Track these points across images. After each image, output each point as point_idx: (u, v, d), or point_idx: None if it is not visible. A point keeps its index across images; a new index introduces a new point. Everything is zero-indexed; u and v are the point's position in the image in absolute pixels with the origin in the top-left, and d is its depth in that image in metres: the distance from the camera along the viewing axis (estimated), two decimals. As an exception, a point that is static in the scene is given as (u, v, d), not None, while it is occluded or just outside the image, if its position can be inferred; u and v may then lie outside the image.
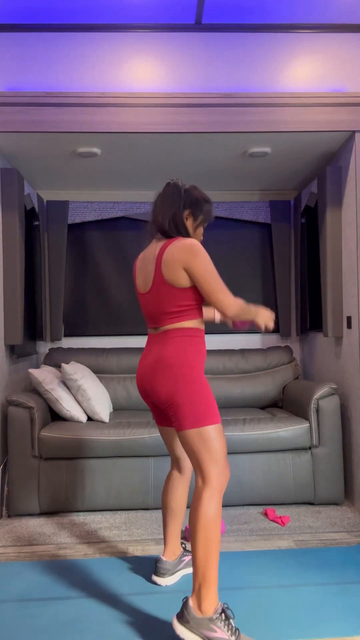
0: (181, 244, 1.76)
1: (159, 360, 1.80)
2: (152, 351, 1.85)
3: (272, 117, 2.70)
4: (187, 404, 1.74)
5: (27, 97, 2.62)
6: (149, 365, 1.83)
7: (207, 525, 1.67)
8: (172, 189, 1.87)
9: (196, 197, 1.87)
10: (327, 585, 2.02)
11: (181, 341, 1.80)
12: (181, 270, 1.76)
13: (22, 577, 2.13)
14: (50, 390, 2.90)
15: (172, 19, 2.70)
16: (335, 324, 2.97)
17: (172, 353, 1.78)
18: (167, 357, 1.78)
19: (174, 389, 1.75)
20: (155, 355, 1.82)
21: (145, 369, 1.85)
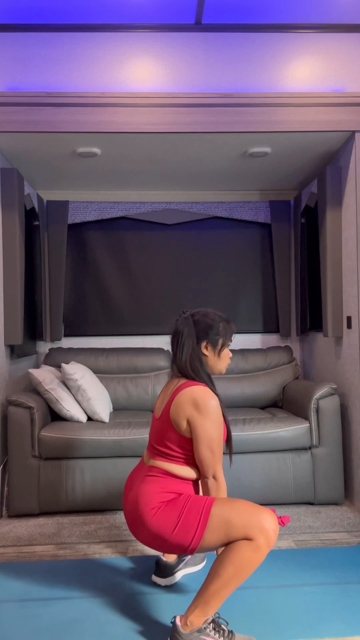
0: (191, 395, 1.69)
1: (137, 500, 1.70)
2: (134, 486, 1.77)
3: (272, 117, 2.70)
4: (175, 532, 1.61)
5: (27, 97, 2.62)
6: (130, 504, 1.73)
7: (239, 571, 1.55)
8: (184, 323, 1.80)
9: (208, 324, 1.79)
10: (327, 585, 2.02)
11: (160, 482, 1.71)
12: (184, 420, 1.70)
13: (22, 577, 2.13)
14: (50, 390, 2.90)
15: (172, 19, 2.70)
16: (335, 324, 2.97)
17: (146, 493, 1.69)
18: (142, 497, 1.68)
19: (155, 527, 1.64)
20: (134, 492, 1.73)
21: (128, 509, 1.74)
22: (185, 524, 1.60)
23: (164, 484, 1.72)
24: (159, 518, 1.64)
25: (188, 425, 1.70)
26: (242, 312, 3.88)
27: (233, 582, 1.57)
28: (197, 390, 1.70)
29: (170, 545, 1.64)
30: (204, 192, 3.85)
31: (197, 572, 2.17)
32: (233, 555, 1.56)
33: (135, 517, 1.70)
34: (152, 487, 1.71)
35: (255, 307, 3.89)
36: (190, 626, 1.61)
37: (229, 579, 1.56)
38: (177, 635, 1.61)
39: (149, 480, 1.74)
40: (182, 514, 1.62)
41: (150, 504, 1.67)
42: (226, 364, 1.87)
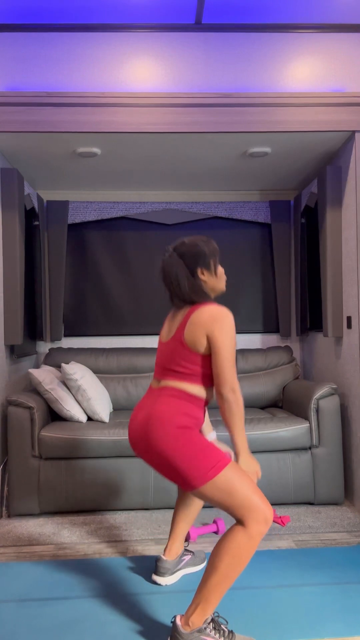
0: (210, 312, 1.72)
1: (149, 419, 1.71)
2: (145, 406, 1.77)
3: (272, 117, 2.70)
4: (185, 463, 1.62)
5: (27, 97, 2.62)
6: (139, 423, 1.74)
7: (235, 561, 1.56)
8: (170, 261, 1.81)
9: (194, 252, 1.80)
10: (327, 585, 2.02)
11: (174, 402, 1.73)
12: (204, 336, 1.71)
13: (22, 577, 2.13)
14: (50, 390, 2.90)
15: (172, 19, 2.70)
16: (335, 324, 2.97)
17: (162, 412, 1.70)
18: (157, 416, 1.69)
19: (166, 451, 1.65)
20: (146, 412, 1.74)
21: (136, 427, 1.75)
22: (199, 462, 1.61)
23: (178, 404, 1.73)
24: (176, 443, 1.65)
25: (207, 342, 1.72)
26: (242, 312, 3.88)
27: (229, 574, 1.57)
28: (213, 308, 1.74)
29: (174, 471, 1.64)
30: (204, 192, 3.85)
31: (197, 572, 2.17)
32: (228, 545, 1.57)
33: (147, 437, 1.69)
34: (167, 407, 1.71)
35: (255, 307, 3.89)
36: (191, 626, 1.61)
37: (225, 571, 1.57)
38: (177, 635, 1.61)
39: (163, 400, 1.74)
40: (200, 451, 1.63)
41: (164, 424, 1.67)
42: (224, 281, 1.91)
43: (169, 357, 1.80)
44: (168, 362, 1.80)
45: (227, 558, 1.57)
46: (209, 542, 2.43)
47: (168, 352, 1.80)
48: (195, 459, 1.61)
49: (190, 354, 1.75)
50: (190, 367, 1.76)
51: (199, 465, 1.61)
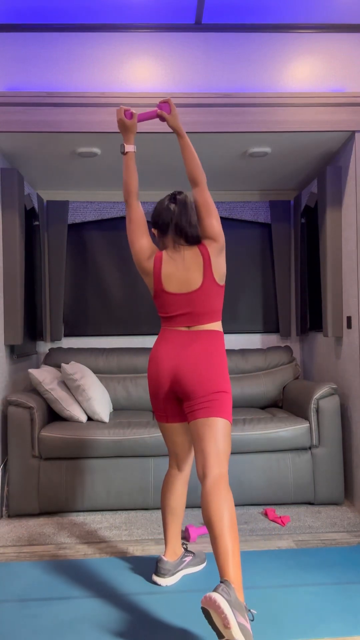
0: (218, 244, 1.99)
1: (208, 353, 1.89)
2: (190, 345, 1.91)
3: (272, 117, 2.70)
4: (226, 398, 1.87)
5: (27, 97, 2.62)
6: (192, 355, 1.89)
7: (233, 513, 1.66)
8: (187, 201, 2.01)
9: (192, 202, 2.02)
10: (327, 585, 2.02)
11: (221, 342, 1.96)
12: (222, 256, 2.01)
13: (22, 577, 2.13)
14: (50, 390, 2.90)
15: (172, 19, 2.70)
16: (335, 324, 2.97)
17: (220, 350, 1.93)
18: (216, 352, 1.90)
19: (222, 380, 1.87)
20: (199, 348, 1.90)
21: (182, 359, 1.89)
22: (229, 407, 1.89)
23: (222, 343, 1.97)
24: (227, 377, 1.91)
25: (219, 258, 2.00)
26: (242, 312, 3.88)
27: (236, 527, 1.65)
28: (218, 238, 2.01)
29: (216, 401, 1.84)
30: (204, 192, 3.84)
31: (197, 572, 2.17)
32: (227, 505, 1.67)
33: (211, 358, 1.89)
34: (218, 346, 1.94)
35: (255, 307, 3.89)
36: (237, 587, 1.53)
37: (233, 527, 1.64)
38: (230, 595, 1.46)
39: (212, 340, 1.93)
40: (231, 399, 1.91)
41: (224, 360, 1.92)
42: None
43: (207, 301, 1.95)
44: (208, 306, 1.95)
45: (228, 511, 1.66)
46: (209, 543, 2.43)
47: (204, 297, 1.94)
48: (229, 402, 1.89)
49: (220, 289, 1.98)
50: (219, 304, 1.99)
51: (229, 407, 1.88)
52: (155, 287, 1.99)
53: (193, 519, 2.71)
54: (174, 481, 2.08)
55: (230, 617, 1.39)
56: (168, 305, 1.97)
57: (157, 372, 1.94)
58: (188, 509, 2.84)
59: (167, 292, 1.96)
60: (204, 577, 2.12)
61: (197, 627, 1.76)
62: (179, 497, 2.08)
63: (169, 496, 2.08)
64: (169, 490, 2.09)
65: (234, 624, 1.39)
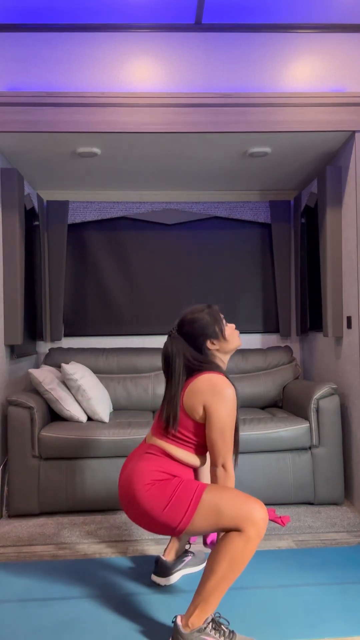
0: (210, 380, 1.71)
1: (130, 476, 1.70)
2: (130, 464, 1.76)
3: (272, 117, 2.70)
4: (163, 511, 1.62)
5: (27, 97, 2.62)
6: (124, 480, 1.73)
7: (233, 564, 1.56)
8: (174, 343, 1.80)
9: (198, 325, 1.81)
10: (327, 585, 2.02)
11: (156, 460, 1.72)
12: (201, 405, 1.70)
13: (22, 577, 2.13)
14: (50, 390, 2.90)
15: (172, 19, 2.70)
16: (335, 324, 2.97)
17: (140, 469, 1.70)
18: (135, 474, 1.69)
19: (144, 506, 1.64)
20: (130, 468, 1.74)
21: (122, 484, 1.74)
22: (176, 505, 1.61)
23: (160, 462, 1.72)
24: (150, 495, 1.64)
25: (204, 412, 1.71)
26: (242, 312, 3.88)
27: (228, 576, 1.57)
28: (215, 377, 1.72)
29: (158, 524, 1.64)
30: (204, 192, 3.85)
31: (197, 572, 2.17)
32: (225, 550, 1.56)
33: (127, 492, 1.69)
34: (147, 464, 1.71)
35: (255, 307, 3.89)
36: (191, 626, 1.61)
37: (224, 574, 1.56)
38: (178, 635, 1.61)
39: (146, 457, 1.74)
40: (173, 495, 1.63)
41: (143, 480, 1.67)
42: (237, 336, 1.88)
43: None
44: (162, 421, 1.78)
45: (225, 563, 1.56)
46: (209, 542, 2.44)
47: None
48: (171, 503, 1.61)
49: (187, 420, 1.73)
50: (185, 433, 1.74)
51: (177, 506, 1.61)
52: None
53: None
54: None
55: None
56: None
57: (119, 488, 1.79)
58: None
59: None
60: (204, 577, 2.12)
61: (197, 627, 1.76)
62: None
63: None
64: None
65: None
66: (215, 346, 1.83)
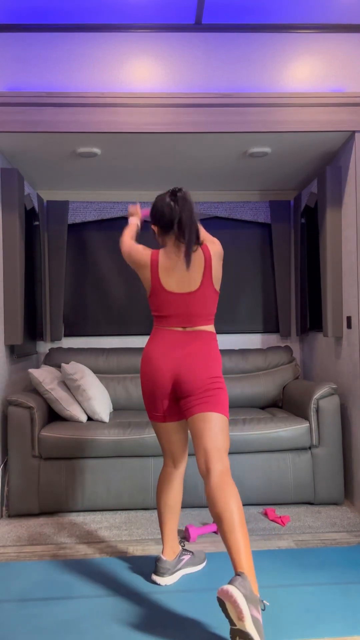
0: (219, 248, 2.01)
1: (203, 351, 1.92)
2: (187, 345, 1.94)
3: (272, 117, 2.70)
4: (223, 394, 1.91)
5: (27, 97, 2.62)
6: (189, 355, 1.91)
7: (240, 507, 1.70)
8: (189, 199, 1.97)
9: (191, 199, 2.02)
10: (327, 585, 2.02)
11: (215, 343, 1.99)
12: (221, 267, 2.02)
13: (22, 577, 2.13)
14: (50, 390, 2.90)
15: (172, 19, 2.70)
16: (335, 324, 2.97)
17: (215, 349, 1.96)
18: (212, 351, 1.94)
19: (218, 378, 1.91)
20: (194, 348, 1.93)
21: (180, 358, 1.91)
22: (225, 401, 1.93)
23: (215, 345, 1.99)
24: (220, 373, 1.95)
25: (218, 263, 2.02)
26: (242, 312, 3.88)
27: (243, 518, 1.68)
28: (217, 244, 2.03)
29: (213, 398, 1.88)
30: (204, 192, 3.85)
31: (196, 572, 2.17)
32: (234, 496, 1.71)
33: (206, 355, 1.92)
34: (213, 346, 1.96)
35: (255, 307, 3.89)
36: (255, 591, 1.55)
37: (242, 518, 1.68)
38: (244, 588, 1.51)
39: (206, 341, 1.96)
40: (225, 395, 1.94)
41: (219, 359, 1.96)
42: None
43: (204, 303, 1.97)
44: (203, 308, 1.97)
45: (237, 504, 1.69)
46: (209, 542, 2.44)
47: (201, 299, 1.96)
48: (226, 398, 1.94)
49: (216, 295, 2.00)
50: (213, 307, 2.01)
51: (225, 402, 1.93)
52: (153, 284, 1.99)
53: (193, 519, 2.71)
54: (171, 479, 2.08)
55: (245, 611, 1.47)
56: (165, 304, 1.97)
57: (153, 372, 1.94)
58: (188, 509, 2.84)
59: (166, 291, 1.96)
60: (204, 577, 2.12)
61: (196, 627, 1.76)
62: (176, 494, 2.09)
63: (165, 494, 2.08)
64: (165, 488, 2.09)
65: (247, 616, 1.47)
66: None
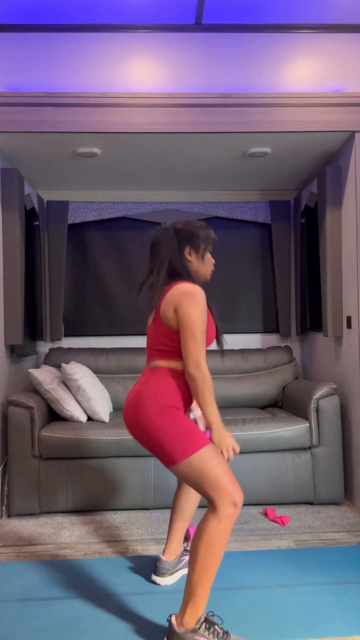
0: (182, 287, 1.75)
1: (137, 398, 1.75)
2: (137, 385, 1.81)
3: (272, 117, 2.70)
4: (167, 439, 1.67)
5: (27, 97, 2.62)
6: (130, 402, 1.78)
7: (209, 548, 1.59)
8: (164, 233, 1.84)
9: (190, 230, 1.84)
10: (327, 585, 2.02)
11: (161, 380, 1.77)
12: (172, 310, 1.74)
13: (22, 577, 2.13)
14: (50, 390, 2.90)
15: (172, 19, 2.70)
16: (335, 324, 2.97)
17: (148, 391, 1.74)
18: (144, 395, 1.74)
19: (150, 428, 1.69)
20: (136, 391, 1.79)
21: (127, 406, 1.79)
22: (177, 439, 1.66)
23: (165, 382, 1.76)
24: (157, 417, 1.69)
25: (175, 315, 1.75)
26: (242, 312, 3.88)
27: (208, 562, 1.58)
28: (187, 284, 1.76)
29: (157, 448, 1.69)
30: (204, 192, 3.85)
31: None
32: (200, 534, 1.60)
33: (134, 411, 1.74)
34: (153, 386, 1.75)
35: (255, 307, 3.89)
36: (185, 625, 1.61)
37: (204, 561, 1.58)
38: (172, 634, 1.62)
39: (151, 380, 1.78)
40: (180, 428, 1.68)
41: (153, 402, 1.72)
42: (210, 270, 1.92)
43: (153, 337, 1.84)
44: (153, 342, 1.83)
45: (202, 545, 1.59)
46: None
47: (152, 333, 1.84)
48: (177, 436, 1.66)
49: (169, 331, 1.78)
50: (170, 344, 1.79)
51: (179, 442, 1.65)
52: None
53: (193, 519, 2.71)
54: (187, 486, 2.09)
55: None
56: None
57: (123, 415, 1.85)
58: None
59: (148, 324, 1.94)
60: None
61: (197, 627, 1.76)
62: (191, 500, 2.09)
63: (180, 497, 2.09)
64: (182, 492, 2.10)
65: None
66: (190, 257, 1.86)
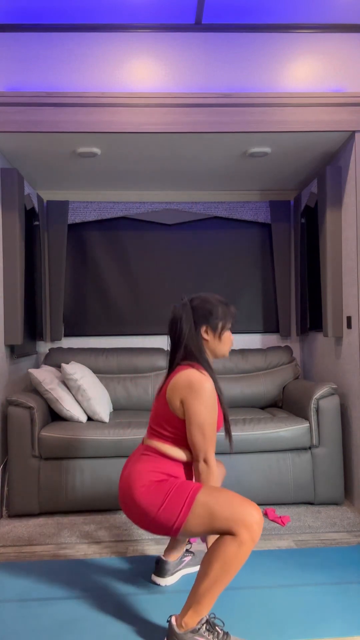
0: (188, 377, 1.71)
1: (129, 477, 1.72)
2: (129, 465, 1.77)
3: (272, 117, 2.70)
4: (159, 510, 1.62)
5: (27, 97, 2.62)
6: (123, 482, 1.74)
7: (225, 567, 1.54)
8: (181, 310, 1.81)
9: (207, 309, 1.80)
10: (327, 585, 2.02)
11: (153, 460, 1.74)
12: (179, 401, 1.72)
13: (22, 577, 2.13)
14: (50, 390, 2.90)
15: (172, 19, 2.70)
16: (335, 324, 2.97)
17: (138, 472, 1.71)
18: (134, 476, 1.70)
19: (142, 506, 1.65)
20: (128, 471, 1.75)
21: (122, 485, 1.74)
22: (170, 506, 1.61)
23: (155, 463, 1.74)
24: (147, 496, 1.65)
25: (182, 406, 1.72)
26: (242, 312, 3.88)
27: (221, 579, 1.56)
28: (192, 373, 1.71)
29: (155, 525, 1.64)
30: (204, 192, 3.85)
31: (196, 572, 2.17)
32: (218, 553, 1.56)
33: (126, 494, 1.71)
34: (144, 465, 1.73)
35: (255, 307, 3.89)
36: (185, 627, 1.61)
37: (217, 577, 1.56)
38: (172, 634, 1.62)
39: (143, 459, 1.76)
40: (168, 495, 1.63)
41: (140, 481, 1.68)
42: (229, 348, 1.87)
43: (155, 416, 1.81)
44: (154, 421, 1.81)
45: (218, 565, 1.55)
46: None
47: (156, 409, 1.81)
48: (166, 503, 1.62)
49: (173, 417, 1.74)
50: (172, 431, 1.75)
51: (172, 506, 1.61)
52: None
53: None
54: None
55: None
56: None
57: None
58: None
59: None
60: (204, 577, 2.12)
61: (197, 627, 1.76)
62: None
63: None
64: None
65: None
66: (207, 336, 1.82)
